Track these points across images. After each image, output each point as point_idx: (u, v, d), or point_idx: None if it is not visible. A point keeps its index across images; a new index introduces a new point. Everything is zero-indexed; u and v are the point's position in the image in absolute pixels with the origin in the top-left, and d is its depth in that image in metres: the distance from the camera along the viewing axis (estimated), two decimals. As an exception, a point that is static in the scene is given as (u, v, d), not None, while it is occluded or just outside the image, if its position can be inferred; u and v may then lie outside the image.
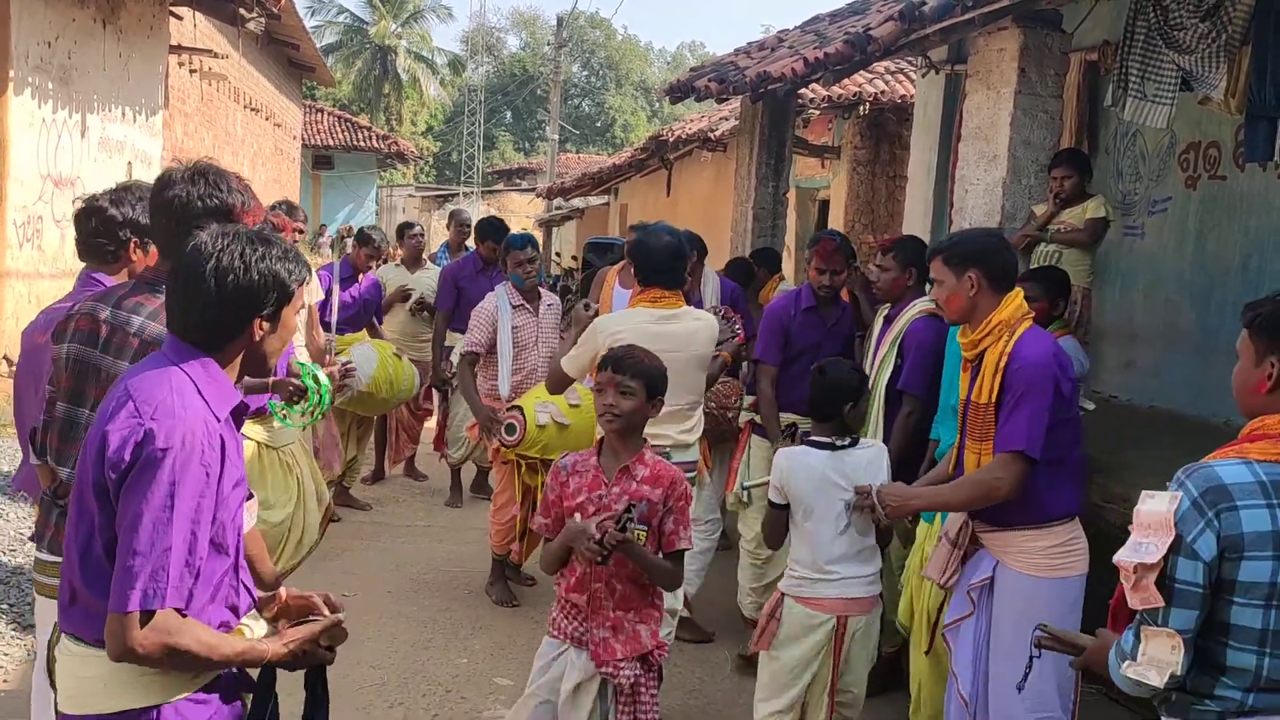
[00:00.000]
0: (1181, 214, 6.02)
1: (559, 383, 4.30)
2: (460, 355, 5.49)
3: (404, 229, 7.76)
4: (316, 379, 5.44)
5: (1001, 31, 5.15)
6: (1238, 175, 5.61)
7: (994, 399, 3.03)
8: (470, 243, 7.76)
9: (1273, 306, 2.12)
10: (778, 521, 3.48)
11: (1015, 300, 3.12)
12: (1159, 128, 5.18)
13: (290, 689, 2.20)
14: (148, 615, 1.82)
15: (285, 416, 5.12)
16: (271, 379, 4.93)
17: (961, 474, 3.19)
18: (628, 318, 4.04)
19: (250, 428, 4.34)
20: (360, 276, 6.95)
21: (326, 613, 2.16)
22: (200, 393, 1.96)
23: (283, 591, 2.24)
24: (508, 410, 4.98)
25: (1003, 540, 3.13)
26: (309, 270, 2.15)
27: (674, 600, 4.10)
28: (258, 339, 2.06)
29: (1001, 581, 3.11)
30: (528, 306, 5.50)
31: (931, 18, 4.93)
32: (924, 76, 7.86)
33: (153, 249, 2.93)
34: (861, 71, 9.30)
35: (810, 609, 3.38)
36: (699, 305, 5.17)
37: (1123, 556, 2.02)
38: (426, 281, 7.39)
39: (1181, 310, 5.97)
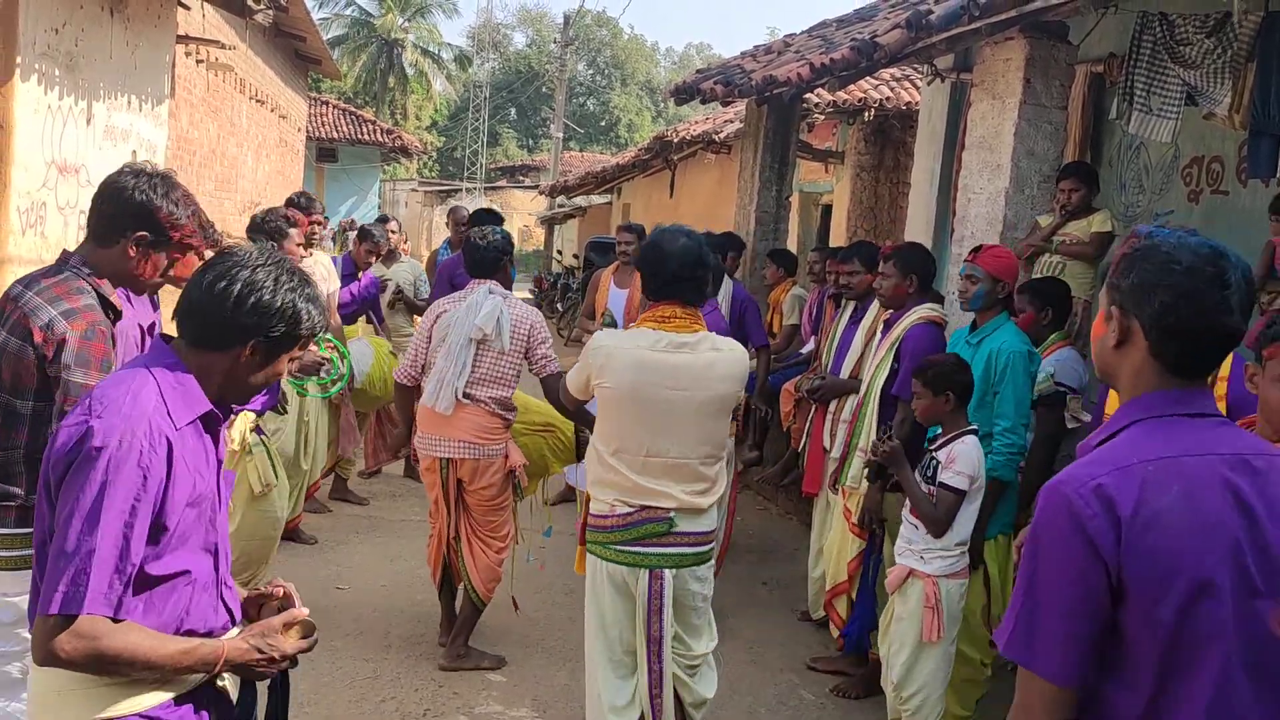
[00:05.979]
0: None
1: (568, 403, 3.68)
2: (560, 377, 4.05)
3: (380, 222, 7.84)
4: (337, 349, 5.48)
5: (1008, 41, 5.16)
6: (1240, 190, 5.62)
7: None
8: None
9: None
10: (955, 507, 3.71)
11: None
12: (1164, 142, 5.19)
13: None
14: (68, 619, 1.73)
15: (305, 388, 5.17)
16: None
17: None
18: (627, 339, 3.31)
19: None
20: (360, 273, 6.99)
21: (297, 604, 2.05)
22: (162, 395, 1.87)
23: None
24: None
25: None
26: (325, 328, 2.14)
27: None
28: (243, 362, 1.96)
29: None
30: None
31: (938, 26, 4.93)
32: (929, 84, 7.86)
33: (155, 257, 2.68)
34: (867, 77, 9.29)
35: (962, 580, 3.79)
36: (718, 325, 4.42)
37: None
38: (403, 274, 7.46)
39: (1181, 323, 5.98)
